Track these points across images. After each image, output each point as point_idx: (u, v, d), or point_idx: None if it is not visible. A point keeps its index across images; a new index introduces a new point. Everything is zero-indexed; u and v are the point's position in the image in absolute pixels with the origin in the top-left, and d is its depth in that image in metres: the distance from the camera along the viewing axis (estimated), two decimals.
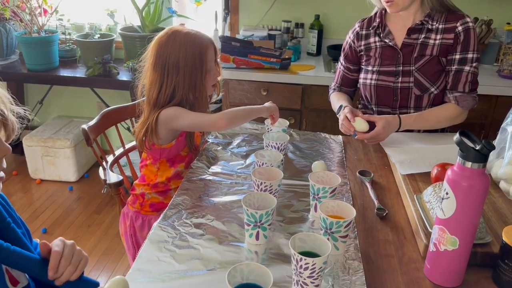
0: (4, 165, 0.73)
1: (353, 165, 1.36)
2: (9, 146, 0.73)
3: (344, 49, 1.69)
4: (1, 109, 0.73)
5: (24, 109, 0.82)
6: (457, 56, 1.48)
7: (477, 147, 0.80)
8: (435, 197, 1.03)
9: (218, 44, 2.47)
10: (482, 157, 0.80)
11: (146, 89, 1.29)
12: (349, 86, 1.72)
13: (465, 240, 0.84)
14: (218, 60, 1.36)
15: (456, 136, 0.82)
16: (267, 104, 1.39)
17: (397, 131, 1.47)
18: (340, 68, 1.72)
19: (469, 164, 0.81)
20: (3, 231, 0.77)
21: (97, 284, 0.82)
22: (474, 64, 1.48)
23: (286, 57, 2.26)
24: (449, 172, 0.84)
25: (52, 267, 0.77)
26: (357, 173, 1.29)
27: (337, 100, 1.65)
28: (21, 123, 0.79)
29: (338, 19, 2.59)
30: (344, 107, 1.50)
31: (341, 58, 1.71)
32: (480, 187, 0.80)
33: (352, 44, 1.63)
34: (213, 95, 1.43)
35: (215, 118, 1.26)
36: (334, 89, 1.74)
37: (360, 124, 1.42)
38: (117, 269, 2.11)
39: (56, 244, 0.80)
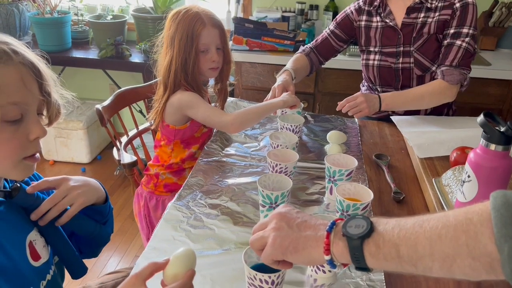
0: (40, 147, 0.72)
1: (369, 148, 1.34)
2: (46, 129, 0.71)
3: (337, 18, 1.63)
4: (47, 89, 0.72)
5: (72, 95, 0.82)
6: (452, 30, 1.42)
7: (502, 129, 0.77)
8: (454, 180, 1.01)
9: (231, 26, 2.43)
10: (506, 139, 0.78)
11: (158, 63, 1.30)
12: (324, 53, 1.65)
13: None
14: (227, 44, 1.32)
15: (480, 117, 0.80)
16: (285, 96, 1.36)
17: (383, 111, 1.44)
18: (326, 32, 1.65)
19: (492, 146, 0.79)
20: (35, 204, 0.77)
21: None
22: (467, 39, 1.40)
23: (300, 39, 2.23)
24: (471, 155, 0.82)
25: (36, 186, 0.77)
26: (373, 157, 1.27)
27: (290, 63, 1.58)
28: (65, 109, 0.78)
29: (353, 0, 2.53)
30: (283, 72, 1.48)
31: (332, 25, 1.64)
32: (504, 170, 0.79)
33: (351, 15, 1.59)
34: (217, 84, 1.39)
35: (226, 122, 1.24)
36: (304, 50, 1.65)
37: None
38: (130, 250, 2.13)
39: (58, 178, 0.81)
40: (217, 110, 1.30)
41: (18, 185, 0.73)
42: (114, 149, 1.51)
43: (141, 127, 1.65)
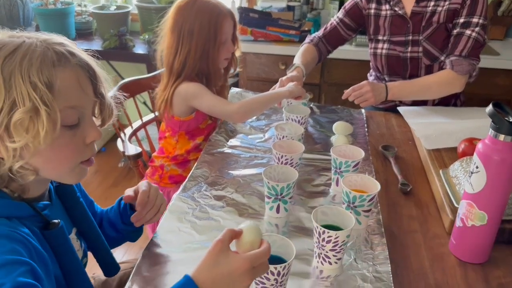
0: (96, 150, 0.71)
1: (376, 139, 1.33)
2: (100, 131, 0.70)
3: (346, 6, 1.60)
4: (101, 91, 0.70)
5: (124, 95, 0.81)
6: (461, 20, 1.40)
7: (511, 119, 0.76)
8: (462, 172, 0.99)
9: (235, 16, 2.41)
10: None
11: (164, 53, 1.29)
12: (332, 42, 1.63)
13: (494, 215, 0.81)
14: (237, 35, 1.33)
15: (489, 107, 0.78)
16: (290, 85, 1.35)
17: (390, 101, 1.42)
18: (334, 21, 1.63)
19: (501, 137, 0.77)
20: (75, 205, 0.79)
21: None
22: (477, 29, 1.37)
23: (306, 29, 2.20)
24: (479, 145, 0.81)
25: (140, 202, 0.82)
26: (380, 148, 1.26)
27: (300, 56, 1.56)
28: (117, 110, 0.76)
29: None
30: (294, 69, 1.47)
31: (340, 13, 1.62)
32: None
33: (360, 3, 1.57)
34: (231, 70, 1.40)
35: (231, 111, 1.25)
36: (312, 40, 1.63)
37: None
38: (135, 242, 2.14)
39: (143, 185, 0.85)
40: (222, 100, 1.30)
41: (57, 221, 0.69)
42: (119, 141, 1.51)
43: (146, 118, 1.65)
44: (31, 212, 0.66)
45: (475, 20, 1.38)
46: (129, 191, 0.86)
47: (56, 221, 0.69)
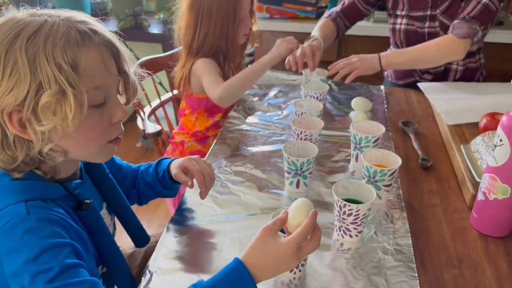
0: (122, 129, 0.70)
1: (396, 116, 1.31)
2: (126, 110, 0.69)
3: None
4: (124, 69, 0.69)
5: (148, 72, 0.79)
6: None
7: None
8: (484, 146, 0.98)
9: None
10: None
11: (182, 32, 1.29)
12: (350, 18, 1.60)
13: None
14: (254, 9, 1.32)
15: None
16: (279, 42, 1.30)
17: (382, 69, 1.38)
18: None
19: None
20: (104, 182, 0.80)
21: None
22: None
23: (323, 5, 2.16)
24: (504, 118, 0.79)
25: (202, 183, 0.85)
26: (400, 124, 1.25)
27: (318, 29, 1.53)
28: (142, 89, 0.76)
29: None
30: (312, 41, 1.44)
31: None
32: None
33: None
34: (248, 46, 1.40)
35: (216, 98, 1.23)
36: (330, 15, 1.60)
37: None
38: (154, 220, 2.18)
39: (191, 163, 0.86)
40: (215, 83, 1.24)
41: (89, 201, 0.70)
42: (138, 119, 1.53)
43: (164, 97, 1.66)
44: (64, 192, 0.67)
45: None
46: (174, 168, 0.87)
47: (88, 201, 0.70)
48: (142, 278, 0.74)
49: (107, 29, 0.68)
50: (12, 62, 0.57)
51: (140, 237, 0.87)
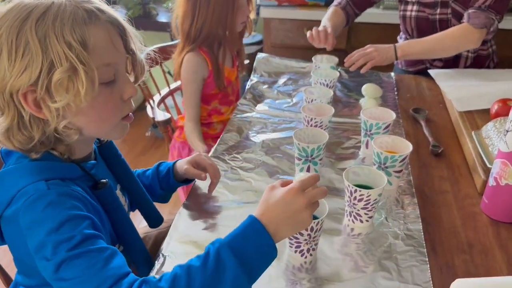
0: (133, 106, 0.72)
1: (406, 103, 1.31)
2: (136, 87, 0.71)
3: None
4: (131, 47, 0.70)
5: (154, 51, 0.81)
6: None
7: None
8: (495, 132, 0.98)
9: None
10: None
11: (179, 21, 1.29)
12: (360, 5, 1.59)
13: None
14: (258, 0, 1.32)
15: None
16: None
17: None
18: None
19: None
20: (117, 163, 0.82)
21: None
22: None
23: None
24: None
25: (216, 175, 0.90)
26: (411, 111, 1.24)
27: (328, 18, 1.53)
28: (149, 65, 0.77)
29: None
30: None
31: None
32: None
33: None
34: (245, 33, 1.39)
35: (184, 124, 1.34)
36: (340, 3, 1.59)
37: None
38: (164, 206, 2.20)
39: (203, 158, 0.91)
40: (187, 106, 1.33)
41: (105, 181, 0.72)
42: (148, 108, 1.54)
43: (173, 86, 1.66)
44: (81, 172, 0.69)
45: None
46: (183, 164, 0.90)
47: (104, 180, 0.71)
48: (156, 262, 0.75)
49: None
50: (24, 43, 0.59)
51: (153, 218, 0.89)
